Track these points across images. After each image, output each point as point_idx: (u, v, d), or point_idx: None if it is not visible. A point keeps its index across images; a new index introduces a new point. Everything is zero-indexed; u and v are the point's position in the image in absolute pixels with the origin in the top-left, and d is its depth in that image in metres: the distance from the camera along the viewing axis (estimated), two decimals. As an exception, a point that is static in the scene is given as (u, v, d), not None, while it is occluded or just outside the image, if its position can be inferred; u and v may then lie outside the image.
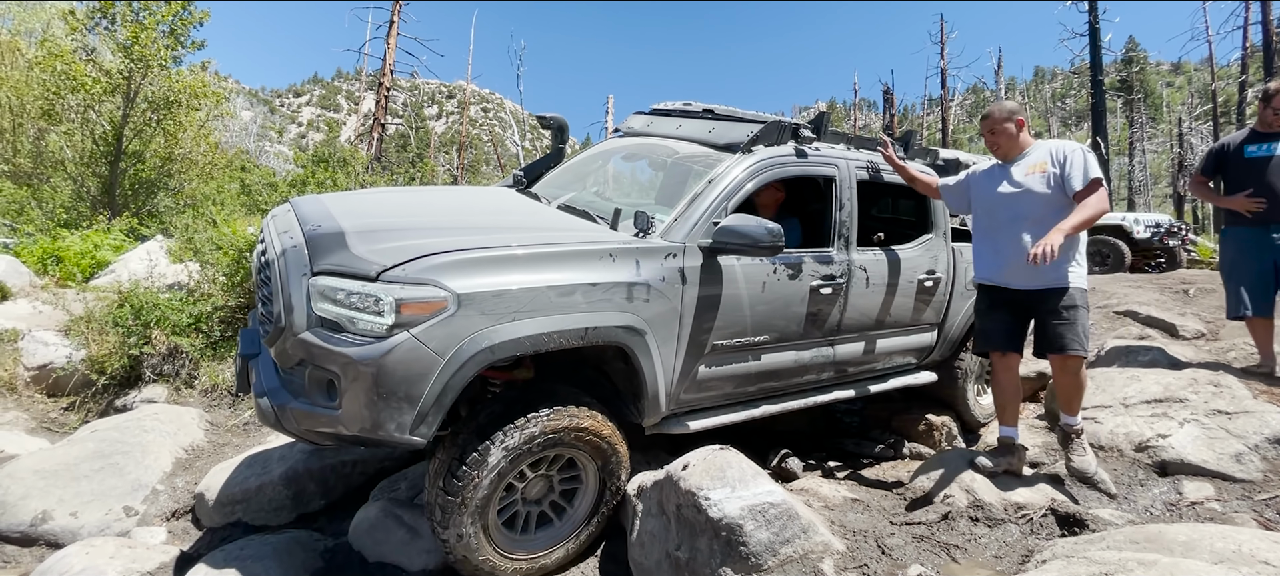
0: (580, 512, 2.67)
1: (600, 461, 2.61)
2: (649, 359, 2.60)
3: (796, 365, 3.18)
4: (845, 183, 3.31)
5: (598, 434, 2.53)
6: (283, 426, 2.30)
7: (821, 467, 3.81)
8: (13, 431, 4.39)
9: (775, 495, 2.38)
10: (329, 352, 2.14)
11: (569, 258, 2.43)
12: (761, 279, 2.90)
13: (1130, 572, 1.51)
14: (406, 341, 2.11)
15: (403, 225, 2.51)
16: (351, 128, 43.79)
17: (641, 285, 2.53)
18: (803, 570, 2.29)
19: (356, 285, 2.16)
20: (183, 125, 10.47)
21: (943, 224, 3.76)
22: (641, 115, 4.03)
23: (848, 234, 3.28)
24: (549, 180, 3.87)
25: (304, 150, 13.76)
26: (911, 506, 2.95)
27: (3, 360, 4.87)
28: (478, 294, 2.19)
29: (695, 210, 2.79)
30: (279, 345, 2.30)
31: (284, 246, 2.49)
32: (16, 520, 3.19)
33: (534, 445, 2.38)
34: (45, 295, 5.91)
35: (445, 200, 3.29)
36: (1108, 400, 3.76)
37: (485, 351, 2.21)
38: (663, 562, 2.44)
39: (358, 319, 2.15)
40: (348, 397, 2.13)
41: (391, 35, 17.36)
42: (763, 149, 3.10)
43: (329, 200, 2.91)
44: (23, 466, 3.45)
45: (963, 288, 3.85)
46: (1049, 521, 2.72)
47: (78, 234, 7.44)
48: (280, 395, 2.29)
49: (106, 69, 9.24)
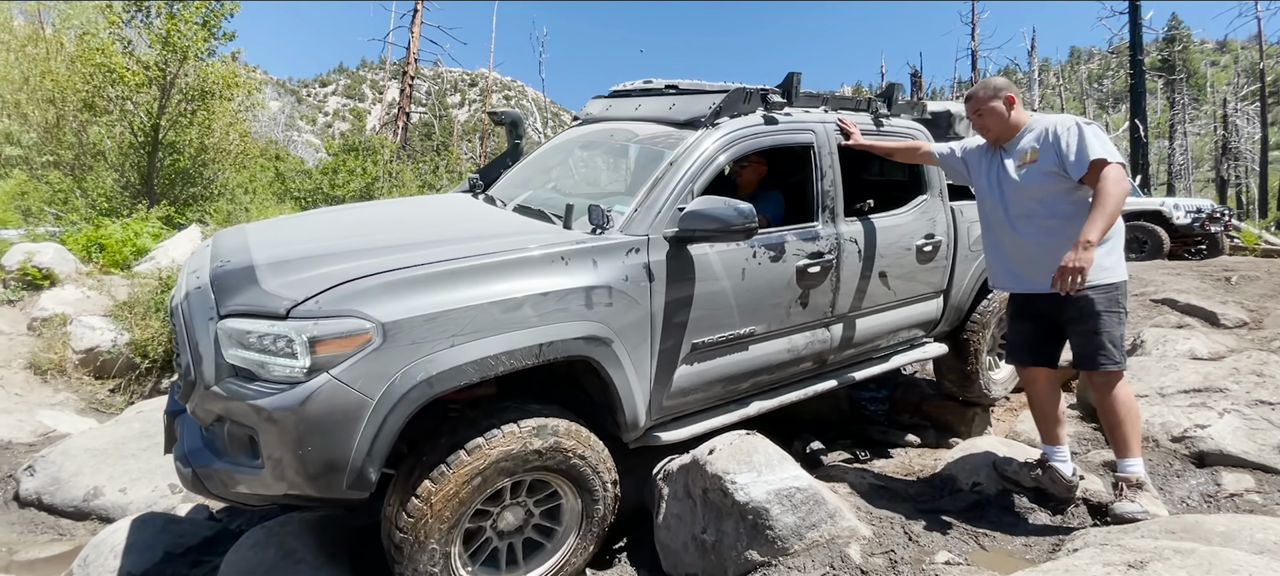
0: (568, 537, 2.38)
1: (577, 480, 2.29)
2: (619, 369, 2.33)
3: (791, 355, 2.95)
4: (824, 149, 3.03)
5: (565, 451, 2.21)
6: (206, 491, 2.06)
7: (848, 454, 3.80)
8: (64, 411, 4.60)
9: (802, 480, 2.39)
10: (242, 406, 1.88)
11: (513, 266, 2.15)
12: (740, 265, 2.65)
13: (1167, 560, 1.49)
14: (327, 384, 1.83)
15: (324, 251, 2.23)
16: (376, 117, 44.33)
17: (602, 288, 2.27)
18: (829, 554, 2.30)
19: (265, 325, 1.89)
20: (216, 115, 10.73)
21: (938, 182, 3.53)
22: (600, 99, 3.68)
23: (833, 205, 3.01)
24: (507, 180, 3.55)
25: (331, 139, 13.99)
26: (939, 493, 2.93)
27: (53, 344, 5.09)
28: (406, 320, 1.91)
29: (656, 197, 2.52)
30: (193, 401, 2.04)
31: (189, 288, 2.27)
32: (70, 495, 3.36)
33: (488, 475, 2.08)
34: (90, 281, 6.15)
35: (385, 215, 3.01)
36: (1144, 390, 3.67)
37: (422, 386, 1.92)
38: (689, 544, 2.47)
39: (271, 364, 1.88)
40: (269, 454, 1.88)
41: (415, 24, 17.50)
42: (728, 121, 2.81)
43: (251, 230, 2.69)
44: (75, 445, 3.62)
45: (966, 250, 3.65)
46: (1081, 511, 2.68)
47: (119, 222, 7.70)
48: (201, 456, 2.04)
49: (144, 61, 9.50)
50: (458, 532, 2.11)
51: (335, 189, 11.41)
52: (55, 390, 4.86)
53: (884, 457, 3.76)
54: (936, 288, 3.58)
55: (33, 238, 7.06)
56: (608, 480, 2.36)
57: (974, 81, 24.79)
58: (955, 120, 3.85)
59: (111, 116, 9.85)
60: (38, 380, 4.83)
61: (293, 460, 1.86)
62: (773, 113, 2.95)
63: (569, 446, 2.21)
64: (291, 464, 1.87)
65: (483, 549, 2.25)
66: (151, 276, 6.02)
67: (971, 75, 24.58)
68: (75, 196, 9.50)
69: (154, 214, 8.52)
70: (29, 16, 13.70)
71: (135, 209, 8.85)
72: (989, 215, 2.77)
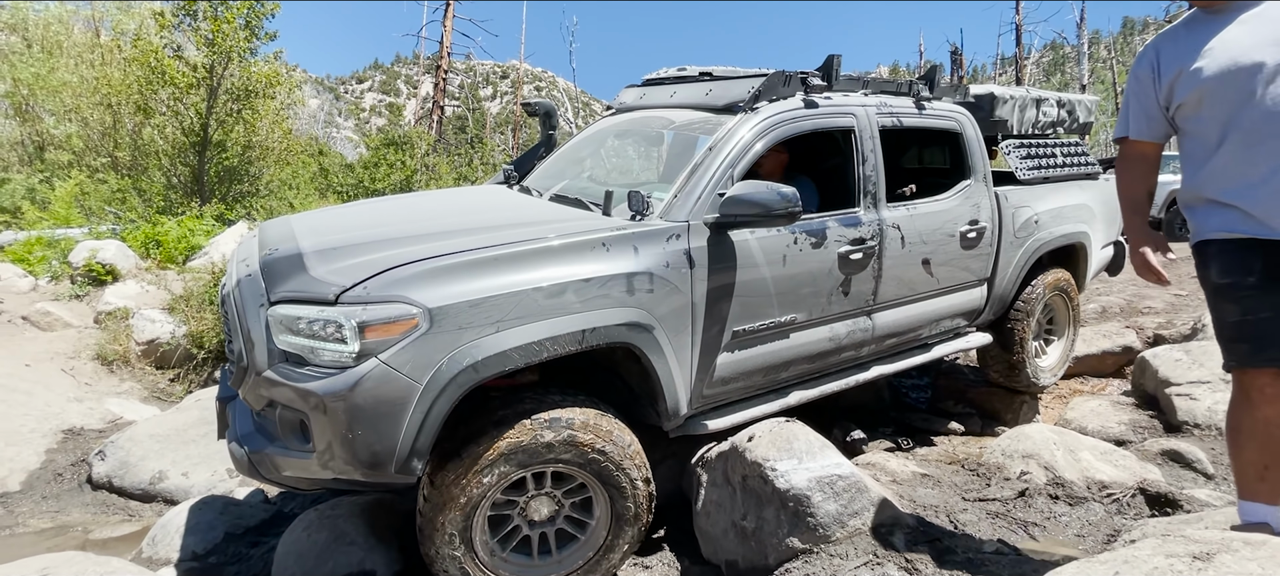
0: (599, 533, 2.31)
1: (599, 475, 2.21)
2: (661, 356, 2.32)
3: (832, 343, 2.91)
4: (866, 132, 2.97)
5: (581, 445, 2.14)
6: (258, 474, 2.10)
7: (889, 442, 3.73)
8: (129, 400, 4.85)
9: (844, 467, 2.36)
10: (294, 390, 1.92)
11: (555, 252, 2.16)
12: (781, 252, 2.62)
13: (1235, 552, 1.42)
14: (376, 369, 1.86)
15: (370, 239, 2.28)
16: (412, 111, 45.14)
17: (643, 275, 2.26)
18: (872, 543, 2.27)
19: (315, 311, 1.92)
20: (260, 114, 11.08)
21: (981, 167, 3.42)
22: (634, 88, 3.65)
23: (875, 190, 2.96)
24: (542, 171, 3.56)
25: (369, 134, 14.35)
26: (986, 482, 2.86)
27: (117, 336, 5.36)
28: (453, 306, 1.94)
29: (696, 183, 2.50)
30: (245, 386, 2.09)
31: (239, 276, 2.31)
32: (137, 479, 3.55)
33: (500, 466, 2.06)
34: (149, 276, 6.46)
35: (425, 206, 3.05)
36: (1206, 376, 3.51)
37: (468, 371, 1.94)
38: (729, 531, 2.47)
39: (321, 349, 1.92)
40: (319, 439, 1.92)
41: (448, 18, 17.70)
42: (767, 105, 2.76)
43: (296, 221, 2.73)
44: (140, 431, 3.82)
45: (1011, 237, 3.54)
46: (1138, 501, 2.58)
47: (174, 220, 8.05)
48: (254, 440, 2.09)
49: (192, 63, 9.86)
50: (477, 519, 2.12)
51: (375, 183, 11.70)
52: (120, 379, 5.12)
53: (927, 446, 3.69)
54: (980, 275, 3.49)
55: (95, 235, 7.44)
56: (635, 477, 2.26)
57: (1018, 57, 23.79)
58: (998, 102, 3.72)
59: (163, 118, 10.27)
60: (104, 370, 5.10)
61: (341, 444, 1.89)
62: (813, 96, 2.89)
63: (586, 440, 2.14)
64: (340, 448, 1.89)
65: (513, 535, 2.25)
66: (205, 271, 6.29)
67: (1016, 50, 23.60)
68: (132, 195, 9.96)
69: (207, 211, 8.88)
70: (87, 24, 14.35)
71: (188, 206, 9.24)
72: (1234, 112, 1.70)
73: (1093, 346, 4.80)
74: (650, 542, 2.78)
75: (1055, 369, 4.11)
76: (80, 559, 2.05)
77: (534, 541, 2.28)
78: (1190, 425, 3.34)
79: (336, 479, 2.00)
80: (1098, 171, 4.21)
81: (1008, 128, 3.82)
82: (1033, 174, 3.75)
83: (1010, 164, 3.75)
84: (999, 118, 3.74)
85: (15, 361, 4.60)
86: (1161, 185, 10.23)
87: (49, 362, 4.90)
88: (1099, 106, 4.73)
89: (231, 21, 9.75)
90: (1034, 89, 4.15)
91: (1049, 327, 4.15)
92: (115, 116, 11.11)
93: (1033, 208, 3.63)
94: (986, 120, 3.68)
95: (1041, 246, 3.67)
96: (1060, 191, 3.84)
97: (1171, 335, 4.83)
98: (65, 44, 12.63)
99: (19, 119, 11.84)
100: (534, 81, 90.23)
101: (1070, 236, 3.85)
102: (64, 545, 2.93)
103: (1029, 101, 3.90)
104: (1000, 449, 2.99)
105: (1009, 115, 3.78)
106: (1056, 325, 4.17)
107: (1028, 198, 3.64)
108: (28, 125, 11.80)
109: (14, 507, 3.25)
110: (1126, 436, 3.47)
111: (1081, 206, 3.91)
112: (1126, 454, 2.98)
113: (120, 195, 10.02)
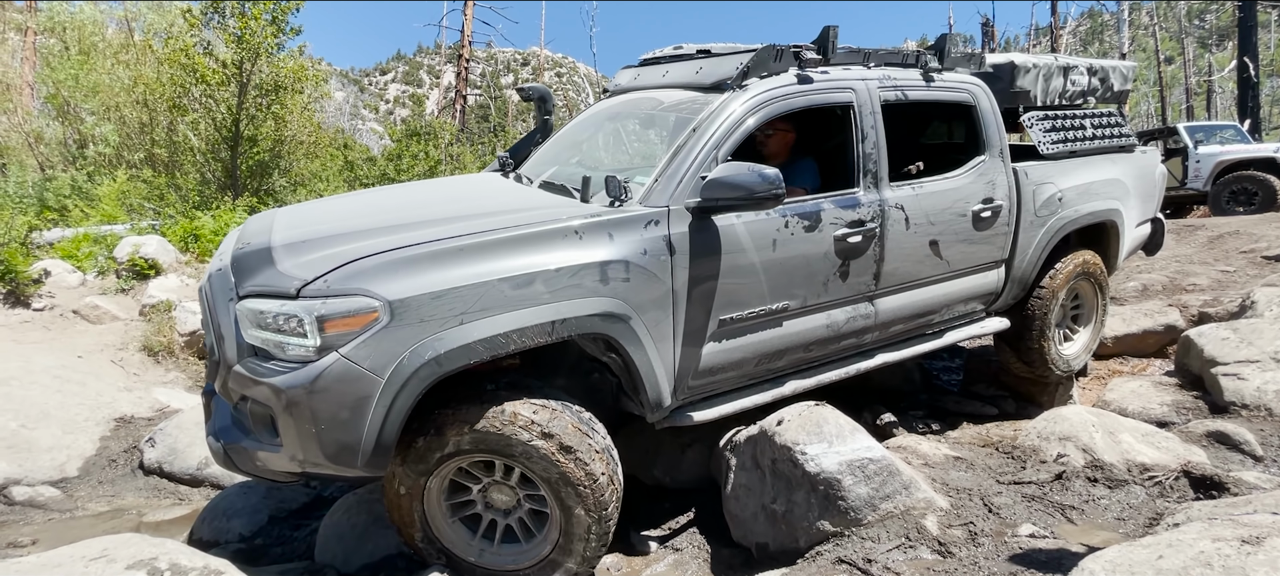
0: (552, 536, 2.19)
1: (545, 478, 2.08)
2: (639, 347, 2.24)
3: (830, 331, 2.79)
4: (866, 108, 2.81)
5: (516, 442, 2.03)
6: (235, 466, 2.14)
7: (921, 424, 3.69)
8: (175, 389, 5.04)
9: (875, 451, 2.35)
10: (260, 385, 1.93)
11: (524, 241, 2.10)
12: (771, 236, 2.50)
13: (1287, 537, 1.38)
14: (336, 364, 1.86)
15: (341, 231, 2.24)
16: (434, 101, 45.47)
17: (618, 263, 2.18)
18: (904, 526, 2.26)
19: (277, 305, 1.93)
20: (288, 108, 11.29)
21: (997, 141, 3.22)
22: (630, 68, 3.50)
23: (876, 169, 2.81)
24: (537, 157, 3.45)
25: (393, 126, 14.50)
26: (1021, 465, 2.81)
27: (161, 327, 5.56)
28: (414, 298, 1.91)
29: (679, 166, 2.39)
30: (220, 380, 2.11)
31: (211, 270, 2.32)
32: (186, 464, 3.69)
33: (451, 449, 2.06)
34: (189, 269, 6.67)
35: (410, 196, 3.00)
36: (1255, 354, 3.38)
37: (430, 364, 1.92)
38: (758, 514, 2.48)
39: (285, 343, 1.92)
40: (285, 433, 1.93)
41: (468, 6, 17.73)
42: (757, 82, 2.63)
43: (280, 214, 2.70)
44: (186, 419, 3.96)
45: (1031, 215, 3.33)
46: (1181, 484, 2.51)
47: (210, 214, 8.28)
48: (230, 434, 2.12)
49: (222, 60, 10.07)
50: (432, 500, 2.17)
51: (400, 174, 11.84)
52: (166, 370, 5.32)
53: (959, 429, 3.64)
54: (997, 257, 3.31)
55: (137, 231, 7.69)
56: (585, 476, 2.09)
57: (1053, 28, 22.95)
58: (1019, 72, 3.48)
59: (196, 114, 10.53)
60: (151, 360, 5.30)
61: (307, 439, 1.90)
62: (807, 71, 2.74)
63: (520, 438, 2.03)
64: (306, 442, 1.91)
65: (482, 519, 2.26)
66: (241, 263, 6.45)
67: (1051, 20, 22.76)
68: (170, 192, 10.27)
69: (239, 205, 9.11)
70: (121, 25, 14.74)
71: (222, 201, 9.49)
72: None
73: (1133, 325, 4.66)
74: (679, 526, 2.80)
75: (1079, 356, 3.90)
76: (136, 541, 2.14)
77: (499, 527, 2.27)
78: (1237, 406, 3.23)
79: (306, 472, 2.01)
80: (1134, 143, 3.93)
81: (1031, 99, 3.58)
82: (1057, 148, 3.52)
83: (1033, 137, 3.53)
84: (1020, 88, 3.50)
85: (69, 353, 4.81)
86: (1207, 157, 9.83)
87: (99, 354, 5.11)
88: (1138, 74, 4.49)
89: (258, 18, 9.92)
90: (1063, 56, 3.91)
91: (1075, 312, 3.93)
92: (151, 115, 11.43)
93: (1057, 184, 3.42)
94: (1007, 92, 3.46)
95: (1066, 225, 3.46)
96: (1089, 166, 3.61)
97: (1218, 313, 4.66)
98: (100, 45, 13.00)
99: (61, 120, 12.26)
100: (555, 67, 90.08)
101: (1099, 214, 3.62)
102: (120, 527, 3.08)
103: (1055, 70, 3.65)
104: (1036, 431, 2.94)
105: (1032, 85, 3.55)
106: (1083, 310, 3.95)
107: (1051, 173, 3.43)
108: (69, 125, 12.21)
109: (73, 492, 3.42)
110: (1169, 418, 3.37)
111: (1113, 182, 3.68)
112: (1169, 435, 2.90)
113: (159, 192, 10.34)
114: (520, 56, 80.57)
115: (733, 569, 2.49)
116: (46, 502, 3.29)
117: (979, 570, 2.07)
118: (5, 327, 4.93)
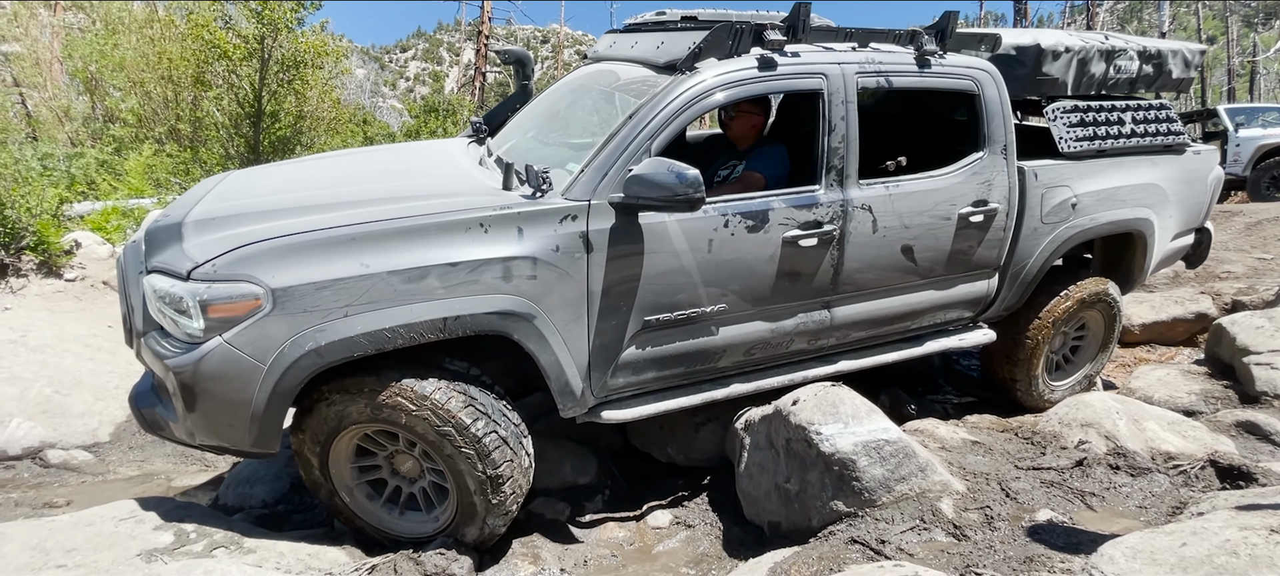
0: (449, 507, 2.26)
1: (445, 452, 2.09)
2: (545, 347, 2.15)
3: (775, 335, 2.61)
4: (837, 97, 2.51)
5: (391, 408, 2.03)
6: (155, 431, 2.20)
7: (939, 406, 3.65)
8: (200, 359, 5.18)
9: (891, 432, 2.33)
10: (156, 359, 1.99)
11: (423, 232, 2.01)
12: (706, 237, 2.32)
13: (1318, 529, 1.34)
14: (219, 348, 1.88)
15: (259, 208, 2.19)
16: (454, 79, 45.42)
17: (524, 260, 2.08)
18: (919, 508, 2.25)
19: (169, 284, 1.94)
20: (309, 83, 11.36)
21: (1001, 137, 2.84)
22: (611, 33, 3.22)
23: (842, 165, 2.54)
24: (510, 127, 3.22)
25: (413, 103, 14.58)
26: (1040, 451, 2.77)
27: (187, 299, 5.69)
28: (298, 287, 1.88)
29: (609, 157, 2.22)
30: (135, 347, 2.16)
31: (130, 240, 2.33)
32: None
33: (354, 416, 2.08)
34: (213, 243, 6.79)
35: (353, 167, 2.86)
36: (1290, 343, 3.28)
37: (310, 355, 1.89)
38: (772, 493, 2.48)
39: (179, 322, 1.95)
40: (178, 409, 1.99)
41: (487, -18, 17.60)
42: (711, 64, 2.39)
43: (217, 182, 2.66)
44: (211, 387, 4.07)
45: (1035, 221, 2.98)
46: (1207, 474, 2.46)
47: (233, 188, 8.43)
48: (147, 398, 2.17)
49: (243, 35, 10.14)
50: (340, 461, 2.22)
51: (419, 150, 11.91)
52: (192, 340, 5.46)
53: (978, 414, 3.59)
54: (989, 264, 2.98)
55: (163, 205, 7.84)
56: (477, 453, 2.10)
57: (1089, 5, 22.10)
58: (1046, 56, 3.02)
59: (219, 89, 10.65)
60: (177, 331, 5.44)
61: (196, 416, 1.96)
62: (770, 53, 2.45)
63: (410, 410, 2.04)
64: (196, 419, 1.97)
65: (387, 484, 2.33)
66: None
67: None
68: (195, 166, 10.43)
69: (262, 180, 9.23)
70: (144, 1, 14.89)
71: (246, 175, 9.61)
72: None
73: (1162, 313, 4.54)
74: (693, 503, 2.82)
75: (1068, 389, 3.49)
76: (164, 504, 2.22)
77: (404, 494, 2.33)
78: (1270, 395, 3.15)
79: (202, 445, 2.06)
80: (1184, 143, 3.35)
81: (1060, 87, 3.12)
82: (1079, 145, 3.04)
83: (1054, 132, 3.07)
84: (1047, 76, 3.05)
85: (100, 323, 4.93)
86: (1248, 140, 9.49)
87: (128, 324, 5.25)
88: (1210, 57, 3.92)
89: (279, -8, 9.95)
90: (1113, 36, 3.33)
91: (1077, 343, 3.53)
92: (176, 89, 11.58)
93: (1072, 187, 3.02)
94: (1030, 78, 3.04)
95: (1076, 234, 3.07)
96: (1119, 168, 3.14)
97: (1252, 301, 4.52)
98: (125, 20, 13.15)
99: (88, 95, 12.48)
100: (575, 45, 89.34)
101: (1120, 223, 3.17)
102: (150, 491, 3.17)
103: (1094, 54, 3.13)
104: (1057, 417, 2.89)
105: (1062, 72, 3.07)
106: (1085, 342, 3.51)
107: (1068, 175, 3.02)
108: (97, 99, 12.43)
109: (105, 456, 3.53)
110: (1197, 407, 3.30)
111: (1147, 187, 3.20)
112: (1196, 424, 2.83)
113: (184, 166, 10.51)
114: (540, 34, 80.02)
115: (744, 546, 2.50)
116: (80, 466, 3.40)
117: (994, 553, 2.05)
118: (40, 298, 5.07)
